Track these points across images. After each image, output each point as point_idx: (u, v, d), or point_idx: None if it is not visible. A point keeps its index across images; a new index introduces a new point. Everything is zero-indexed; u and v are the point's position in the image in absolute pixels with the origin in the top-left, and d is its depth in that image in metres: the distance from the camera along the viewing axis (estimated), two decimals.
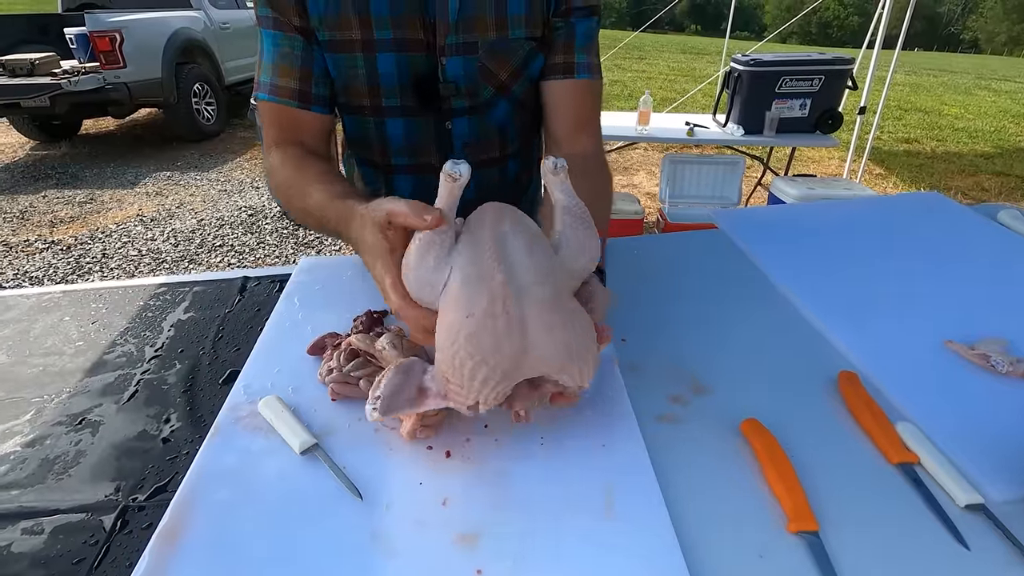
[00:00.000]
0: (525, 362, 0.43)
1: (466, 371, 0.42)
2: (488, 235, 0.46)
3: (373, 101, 0.77)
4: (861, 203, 1.03)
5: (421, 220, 0.46)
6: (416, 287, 0.46)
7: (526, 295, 0.43)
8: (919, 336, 0.64)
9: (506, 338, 0.42)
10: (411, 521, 0.44)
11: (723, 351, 0.63)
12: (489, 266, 0.44)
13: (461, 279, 0.44)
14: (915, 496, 0.46)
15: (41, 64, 4.37)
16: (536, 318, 0.43)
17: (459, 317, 0.43)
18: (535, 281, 0.44)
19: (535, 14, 0.75)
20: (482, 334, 0.42)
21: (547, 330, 0.43)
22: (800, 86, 2.91)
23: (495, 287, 0.43)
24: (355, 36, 0.72)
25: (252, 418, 0.53)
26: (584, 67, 0.78)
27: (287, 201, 0.69)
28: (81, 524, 0.46)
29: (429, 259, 0.46)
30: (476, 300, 0.43)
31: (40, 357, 0.66)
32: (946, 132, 6.57)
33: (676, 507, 0.45)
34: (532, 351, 0.43)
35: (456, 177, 0.46)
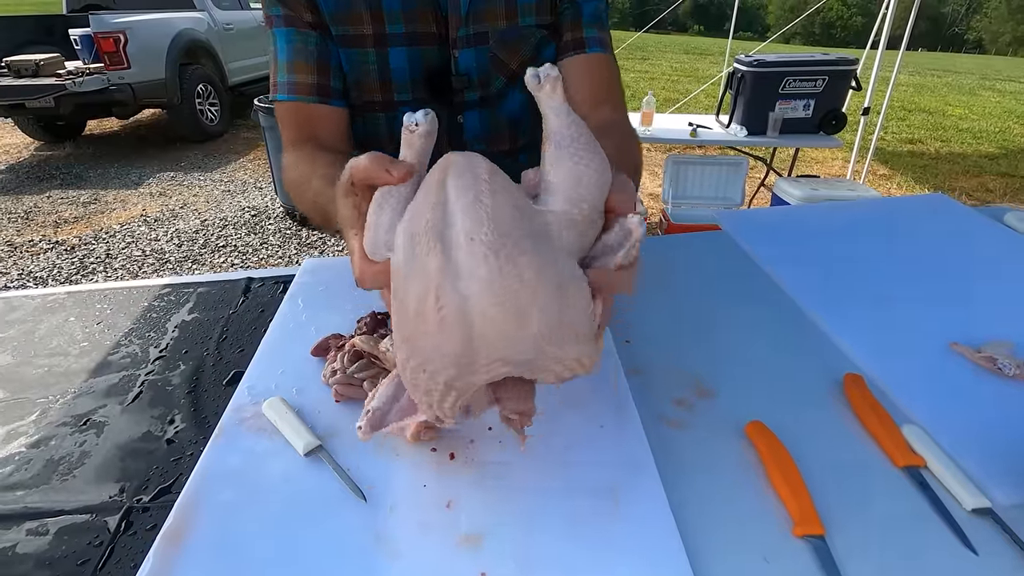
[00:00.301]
0: (475, 365, 0.33)
1: (408, 377, 0.36)
2: (428, 200, 0.35)
3: (385, 96, 0.76)
4: (865, 204, 1.02)
5: (385, 174, 0.38)
6: (371, 246, 0.39)
7: (464, 278, 0.32)
8: (925, 338, 0.64)
9: (442, 338, 0.32)
10: (415, 523, 0.44)
11: (727, 354, 0.63)
12: (424, 242, 0.33)
13: (400, 261, 0.36)
14: (922, 500, 0.46)
15: (46, 65, 4.40)
16: (479, 306, 0.31)
17: (397, 311, 0.35)
18: (478, 254, 0.32)
19: (544, 0, 0.74)
20: (416, 336, 0.34)
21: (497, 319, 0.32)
22: (804, 87, 2.90)
23: (429, 275, 0.32)
24: (366, 31, 0.71)
25: (256, 419, 0.53)
26: (594, 41, 0.75)
27: (299, 199, 0.67)
28: (86, 525, 0.46)
29: (384, 215, 0.38)
30: (409, 292, 0.34)
31: (45, 358, 0.66)
32: (950, 133, 6.55)
33: (681, 510, 0.45)
34: (481, 349, 0.33)
35: (413, 128, 0.38)
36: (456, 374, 0.34)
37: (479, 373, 0.34)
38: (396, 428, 0.43)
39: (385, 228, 0.38)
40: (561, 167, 0.37)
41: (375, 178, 0.39)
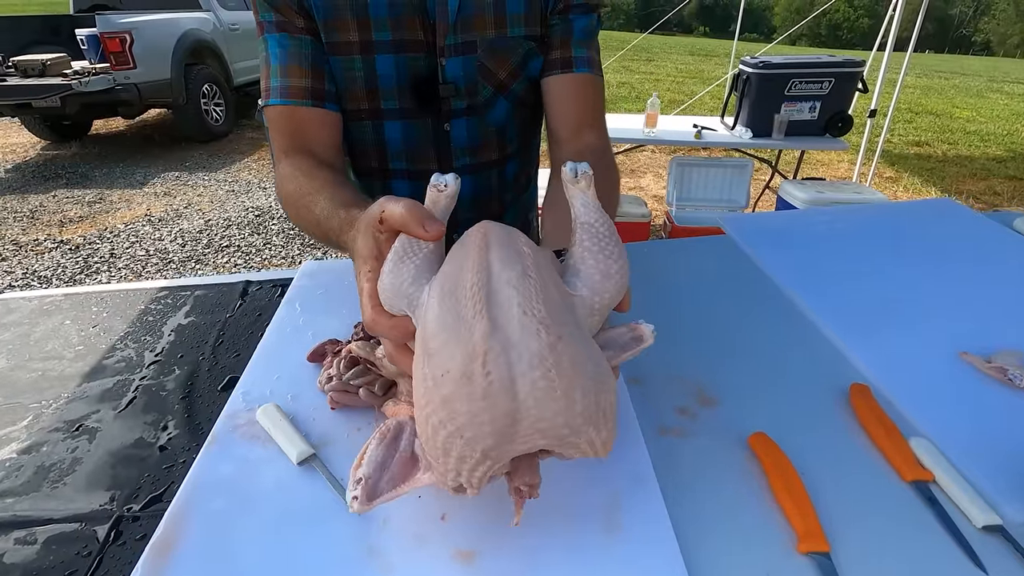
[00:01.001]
0: (514, 436, 0.33)
1: (439, 443, 0.34)
2: (472, 266, 0.37)
3: (371, 104, 0.76)
4: (872, 209, 1.01)
5: (421, 229, 0.39)
6: (391, 297, 0.39)
7: (516, 348, 0.33)
8: (933, 348, 0.62)
9: (486, 406, 0.32)
10: (409, 536, 0.43)
11: (730, 362, 0.62)
12: (469, 309, 0.35)
13: (435, 319, 0.36)
14: (930, 516, 0.45)
15: (52, 65, 4.42)
16: (529, 376, 0.32)
17: (432, 375, 0.34)
18: (531, 328, 0.33)
19: (534, 12, 0.74)
20: (457, 400, 0.33)
21: (544, 392, 0.32)
22: (810, 89, 2.88)
23: (476, 339, 0.33)
24: (352, 38, 0.71)
25: (250, 426, 0.52)
26: (583, 61, 0.76)
27: (296, 213, 0.66)
28: (75, 534, 0.45)
29: (407, 268, 0.39)
30: (451, 353, 0.34)
31: (40, 361, 0.66)
32: (957, 135, 6.51)
33: (681, 524, 0.44)
34: (523, 420, 0.33)
35: (442, 188, 0.41)
36: (495, 443, 0.33)
37: (517, 443, 0.34)
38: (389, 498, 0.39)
39: (408, 281, 0.39)
40: (591, 258, 0.40)
41: (409, 228, 0.40)
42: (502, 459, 0.34)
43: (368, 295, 0.41)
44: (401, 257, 0.40)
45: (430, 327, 0.36)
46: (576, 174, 0.42)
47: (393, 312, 0.40)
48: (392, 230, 0.42)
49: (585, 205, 0.42)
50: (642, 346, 0.41)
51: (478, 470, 0.34)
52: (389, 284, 0.40)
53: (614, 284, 0.39)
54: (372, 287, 0.41)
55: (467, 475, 0.35)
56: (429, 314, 0.37)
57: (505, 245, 0.38)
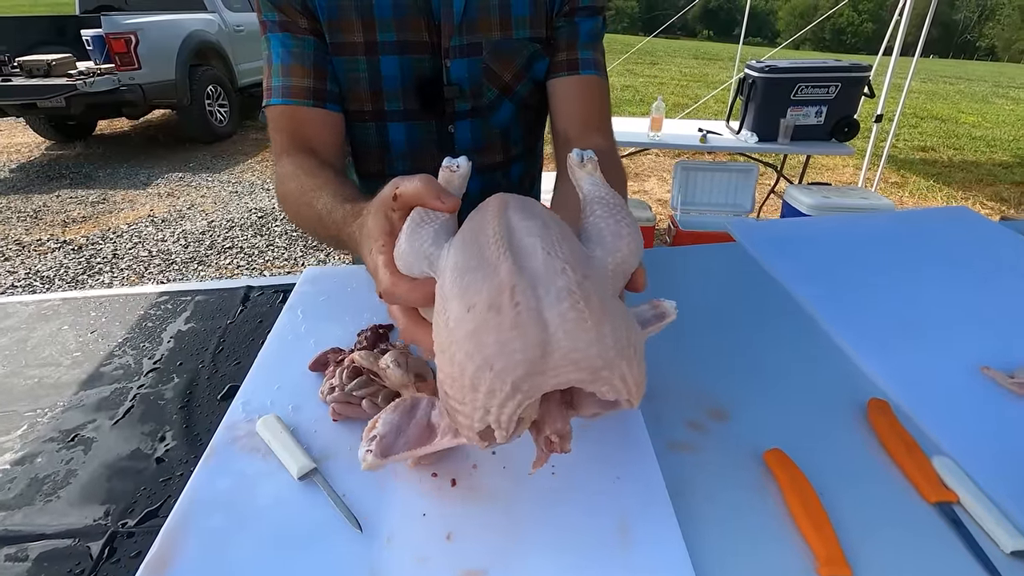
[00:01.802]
0: (545, 367, 0.32)
1: (466, 379, 0.32)
2: (491, 217, 0.37)
3: (375, 105, 0.75)
4: (886, 217, 0.99)
5: (437, 201, 0.39)
6: (411, 259, 0.39)
7: (543, 283, 0.32)
8: (953, 362, 0.60)
9: (516, 335, 0.31)
10: (413, 556, 0.41)
11: (743, 374, 0.60)
12: (493, 251, 0.35)
13: (458, 265, 0.35)
14: (955, 540, 0.43)
15: (57, 65, 4.43)
16: (557, 308, 0.32)
17: (456, 312, 0.33)
18: (555, 268, 0.33)
19: (539, 15, 0.74)
20: (484, 332, 0.32)
21: (575, 323, 0.31)
22: (816, 93, 2.87)
23: (502, 275, 0.33)
24: (357, 38, 0.70)
25: (249, 438, 0.51)
26: (589, 63, 0.76)
27: (296, 211, 0.65)
28: (67, 551, 0.44)
29: (425, 231, 0.39)
30: (477, 289, 0.33)
31: (36, 368, 0.64)
32: (963, 141, 6.48)
33: (694, 544, 0.42)
34: (554, 352, 0.31)
35: (454, 169, 0.43)
36: (525, 374, 0.31)
37: (548, 375, 0.32)
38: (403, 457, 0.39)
39: (429, 242, 0.39)
40: (601, 222, 0.40)
41: (425, 200, 0.40)
42: (533, 394, 0.32)
43: (384, 264, 0.40)
44: (418, 223, 0.40)
45: (452, 272, 0.35)
46: (582, 159, 0.44)
47: (412, 271, 0.39)
48: (406, 207, 0.42)
49: (593, 184, 0.43)
50: (665, 322, 0.42)
51: (508, 406, 0.32)
52: (408, 248, 0.39)
53: (626, 244, 0.39)
54: (388, 257, 0.40)
55: (496, 412, 0.32)
56: (451, 260, 0.36)
57: (523, 206, 0.39)
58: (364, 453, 0.38)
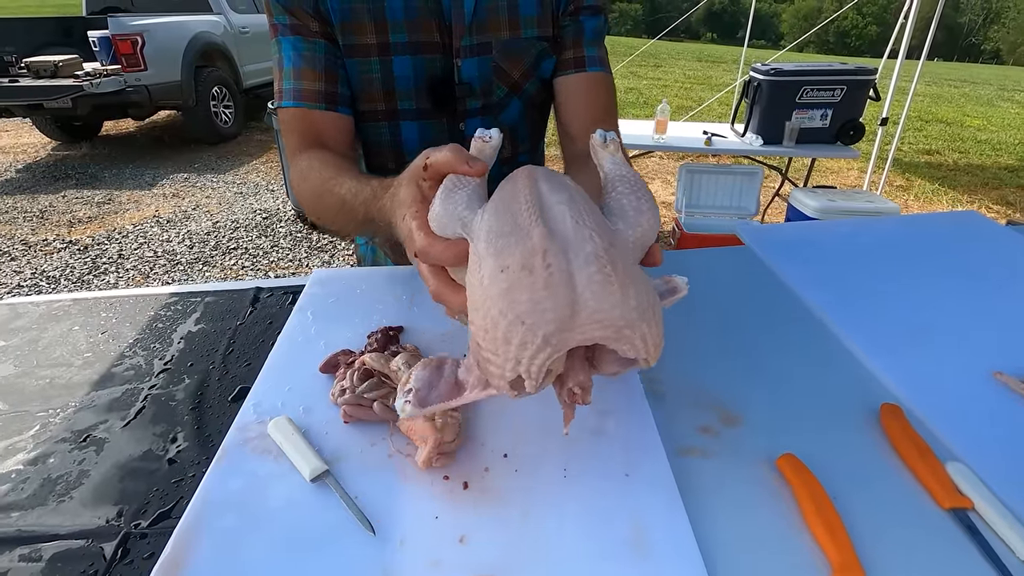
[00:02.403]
0: (573, 324, 0.35)
1: (499, 333, 0.35)
2: (523, 187, 0.40)
3: (388, 105, 0.76)
4: (894, 222, 0.99)
5: (465, 166, 0.42)
6: (445, 221, 0.41)
7: (572, 247, 0.35)
8: (965, 367, 0.60)
9: (547, 295, 0.34)
10: (426, 560, 0.41)
11: (754, 378, 0.60)
12: (526, 218, 0.37)
13: (492, 228, 0.38)
14: (971, 546, 0.43)
15: (64, 66, 4.45)
16: (585, 271, 0.35)
17: (491, 271, 0.36)
18: (583, 235, 0.36)
19: (545, 14, 0.76)
20: (517, 290, 0.35)
21: (601, 285, 0.34)
22: (821, 96, 2.87)
23: (535, 239, 0.35)
24: (370, 40, 0.71)
25: (261, 440, 0.51)
26: (595, 60, 0.78)
27: (318, 201, 0.66)
28: (81, 551, 0.44)
29: (459, 195, 0.42)
30: (510, 252, 0.36)
31: (48, 368, 0.64)
32: (968, 144, 6.46)
33: (707, 549, 0.42)
34: (582, 310, 0.34)
35: (487, 140, 0.45)
36: (555, 330, 0.34)
37: (576, 331, 0.35)
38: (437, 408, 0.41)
39: (463, 205, 0.41)
40: (623, 198, 0.42)
41: (455, 167, 0.42)
42: (561, 348, 0.35)
43: (418, 227, 0.43)
44: (451, 189, 0.42)
45: (487, 235, 0.38)
46: (605, 139, 0.46)
47: (446, 232, 0.42)
48: (436, 175, 0.44)
49: (614, 163, 0.45)
50: (677, 296, 0.45)
51: (538, 357, 0.35)
52: (442, 210, 0.42)
53: (647, 219, 0.41)
54: (421, 220, 0.43)
55: (527, 363, 0.35)
56: (485, 224, 0.39)
57: (552, 177, 0.42)
58: (403, 404, 0.40)
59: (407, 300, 0.71)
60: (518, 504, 0.45)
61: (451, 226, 0.41)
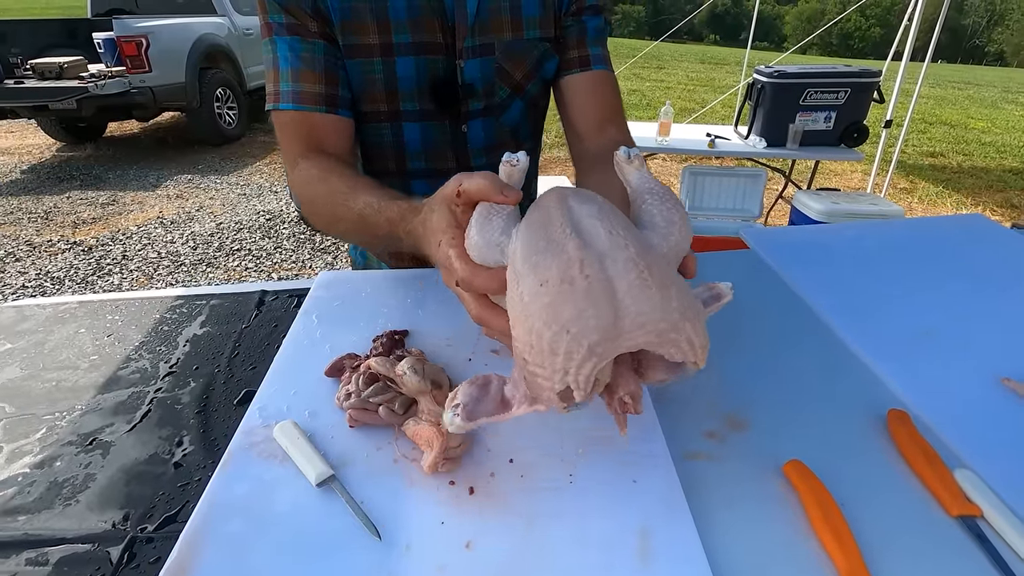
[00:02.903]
0: (617, 331, 0.35)
1: (545, 345, 0.35)
2: (553, 205, 0.41)
3: (391, 106, 0.75)
4: (900, 225, 0.98)
5: (500, 195, 0.43)
6: (485, 250, 0.42)
7: (608, 256, 0.36)
8: (972, 373, 0.60)
9: (589, 303, 0.34)
10: (432, 565, 0.41)
11: (761, 383, 0.60)
12: (559, 233, 0.38)
13: (527, 246, 0.39)
14: (980, 554, 0.42)
15: (69, 67, 4.47)
16: (625, 278, 0.35)
17: (530, 286, 0.37)
18: (618, 244, 0.37)
19: (548, 15, 0.76)
20: (559, 302, 0.35)
21: (640, 290, 0.35)
22: (825, 98, 2.86)
23: (570, 251, 0.36)
24: (373, 40, 0.71)
25: (267, 444, 0.51)
26: (599, 59, 0.79)
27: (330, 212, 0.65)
28: (87, 556, 0.44)
29: (495, 223, 0.42)
30: (547, 266, 0.37)
31: (54, 371, 0.65)
32: (973, 146, 6.44)
33: (713, 556, 0.41)
34: (625, 317, 0.35)
35: (515, 164, 0.46)
36: (600, 339, 0.35)
37: (621, 339, 0.35)
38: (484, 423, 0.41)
39: (499, 232, 0.42)
40: (653, 209, 0.43)
41: (490, 196, 0.43)
42: (607, 356, 0.36)
43: (457, 256, 0.43)
44: (486, 217, 0.43)
45: (522, 252, 0.39)
46: (629, 155, 0.47)
47: (486, 259, 0.42)
48: (469, 202, 0.45)
49: (642, 178, 0.46)
50: (722, 302, 0.45)
51: (585, 367, 0.35)
52: (480, 240, 0.42)
53: (678, 230, 0.42)
54: (460, 249, 0.43)
55: (575, 373, 0.35)
56: (520, 243, 0.40)
57: (581, 195, 0.43)
58: (452, 417, 0.40)
59: (412, 303, 0.71)
60: (524, 510, 0.45)
61: (491, 254, 0.42)
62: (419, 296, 0.72)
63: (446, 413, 0.41)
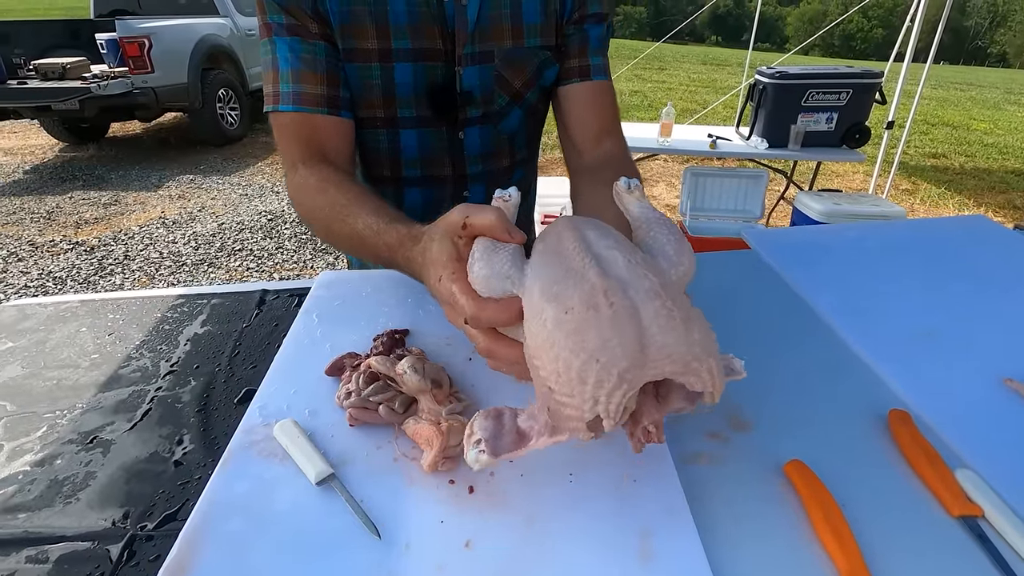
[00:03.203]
0: (644, 360, 0.34)
1: (574, 374, 0.35)
2: (567, 235, 0.42)
3: (388, 112, 0.75)
4: (902, 226, 0.98)
5: (507, 235, 0.43)
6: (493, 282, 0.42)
7: (631, 286, 0.36)
8: (974, 373, 0.60)
9: (615, 331, 0.34)
10: (431, 565, 0.41)
11: (763, 384, 0.60)
12: (579, 263, 0.38)
13: (545, 277, 0.39)
14: (981, 555, 0.42)
15: (72, 68, 4.49)
16: (650, 307, 0.35)
17: (554, 316, 0.36)
18: (638, 273, 0.37)
19: (549, 23, 0.75)
20: (585, 330, 0.35)
21: (666, 319, 0.35)
22: (827, 100, 2.86)
23: (593, 279, 0.37)
24: (371, 45, 0.70)
25: (267, 443, 0.51)
26: (599, 69, 0.78)
27: (327, 226, 0.65)
28: (87, 553, 0.44)
29: (502, 255, 0.42)
30: (569, 295, 0.37)
31: (55, 370, 0.65)
32: (975, 148, 6.43)
33: (714, 556, 0.41)
34: (651, 345, 0.34)
35: (506, 199, 0.46)
36: (628, 366, 0.34)
37: (648, 367, 0.35)
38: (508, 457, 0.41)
39: (508, 263, 0.42)
40: (662, 237, 0.44)
41: (497, 235, 0.43)
42: (636, 384, 0.35)
43: (461, 291, 0.43)
44: (491, 250, 0.43)
45: (541, 284, 0.39)
46: (630, 187, 0.49)
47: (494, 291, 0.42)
48: (472, 235, 0.45)
49: (643, 207, 0.47)
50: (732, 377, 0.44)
51: (615, 395, 0.34)
52: (487, 272, 0.42)
53: (687, 259, 0.43)
54: (464, 283, 0.43)
55: (605, 402, 0.35)
56: (537, 275, 0.40)
57: (594, 225, 0.44)
58: (477, 454, 0.40)
59: (413, 303, 0.71)
60: (523, 509, 0.45)
61: (499, 285, 0.42)
62: (420, 296, 0.72)
63: (469, 451, 0.40)
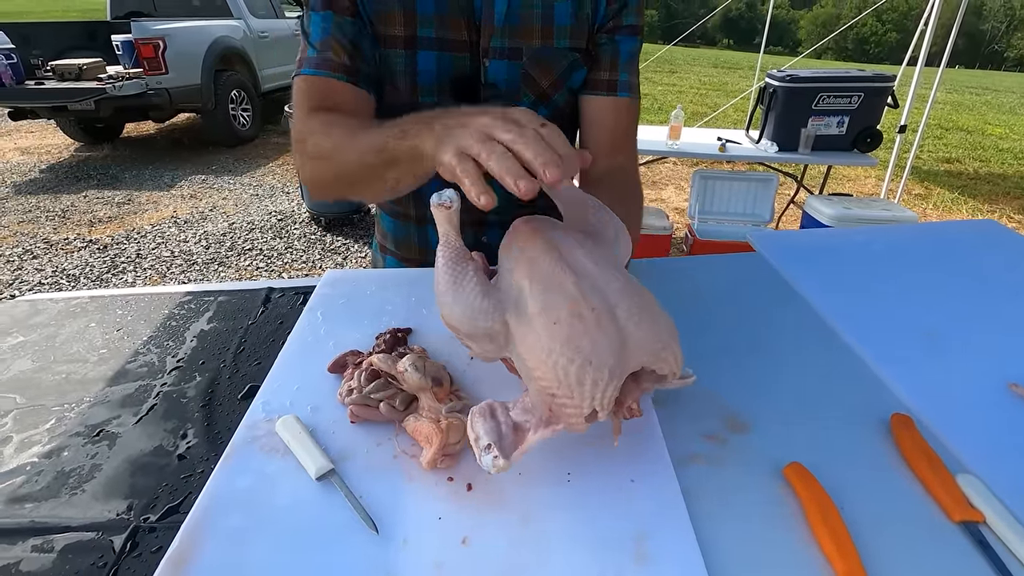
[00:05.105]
0: (626, 355, 0.41)
1: (572, 377, 0.40)
2: (538, 246, 0.46)
3: (411, 99, 0.75)
4: (911, 230, 0.97)
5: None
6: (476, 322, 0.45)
7: (602, 289, 0.42)
8: (979, 378, 0.59)
9: (601, 334, 0.40)
10: (428, 561, 0.41)
11: (763, 385, 0.59)
12: (554, 273, 0.43)
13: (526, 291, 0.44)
14: (981, 560, 0.42)
15: (88, 69, 4.55)
16: (623, 306, 0.42)
17: (545, 328, 0.41)
18: (605, 275, 0.43)
19: (581, 26, 0.75)
20: (576, 337, 0.40)
21: (636, 316, 0.41)
22: (838, 103, 2.84)
23: (569, 288, 0.42)
24: (398, 32, 0.71)
25: (269, 438, 0.52)
26: (625, 85, 0.78)
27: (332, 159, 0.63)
28: (91, 544, 0.45)
29: (465, 286, 0.46)
30: (556, 305, 0.42)
31: (64, 364, 0.66)
32: (990, 152, 6.35)
33: (711, 558, 0.41)
34: (629, 340, 0.41)
35: (448, 205, 0.47)
36: (616, 363, 0.40)
37: (630, 361, 0.41)
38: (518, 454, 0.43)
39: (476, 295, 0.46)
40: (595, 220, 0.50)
41: None
42: (622, 377, 0.41)
43: None
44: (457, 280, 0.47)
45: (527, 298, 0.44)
46: None
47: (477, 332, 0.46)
48: None
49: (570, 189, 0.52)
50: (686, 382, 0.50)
51: (608, 390, 0.40)
52: (468, 312, 0.46)
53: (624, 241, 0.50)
54: None
55: (600, 397, 0.40)
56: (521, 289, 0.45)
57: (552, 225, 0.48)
58: (493, 460, 0.41)
59: (416, 302, 0.72)
60: (521, 507, 0.45)
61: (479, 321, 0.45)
62: (423, 295, 0.73)
63: (484, 458, 0.42)
